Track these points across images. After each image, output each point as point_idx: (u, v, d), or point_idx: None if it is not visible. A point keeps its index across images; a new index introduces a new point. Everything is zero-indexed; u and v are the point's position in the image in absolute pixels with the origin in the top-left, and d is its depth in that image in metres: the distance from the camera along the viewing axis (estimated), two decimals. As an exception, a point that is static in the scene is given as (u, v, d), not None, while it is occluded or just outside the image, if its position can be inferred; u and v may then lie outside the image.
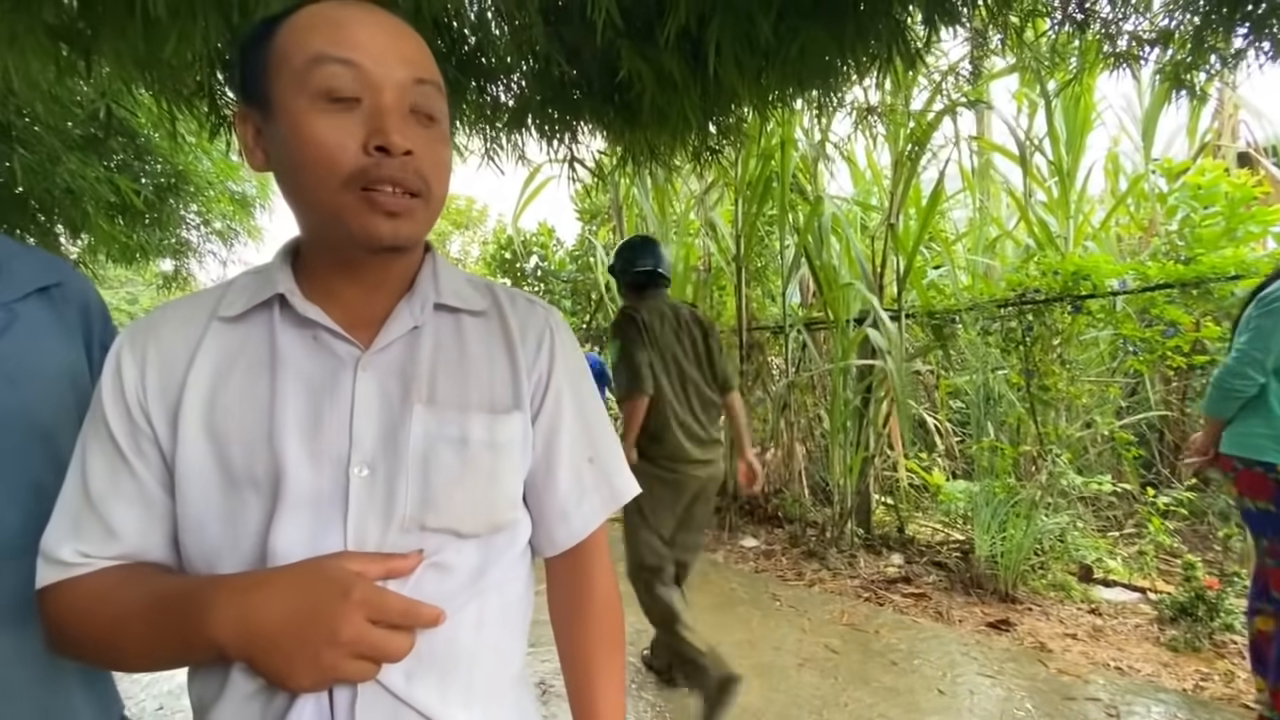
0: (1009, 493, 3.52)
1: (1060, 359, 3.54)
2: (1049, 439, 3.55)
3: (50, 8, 1.66)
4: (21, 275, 0.61)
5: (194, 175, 4.16)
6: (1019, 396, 3.87)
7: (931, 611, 3.10)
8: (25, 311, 0.60)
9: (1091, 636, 2.83)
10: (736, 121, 3.03)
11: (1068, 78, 3.11)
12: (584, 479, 0.67)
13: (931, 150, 3.67)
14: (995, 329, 3.76)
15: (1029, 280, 3.57)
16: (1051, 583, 3.36)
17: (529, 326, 0.67)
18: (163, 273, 5.63)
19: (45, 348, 0.61)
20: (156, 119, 3.32)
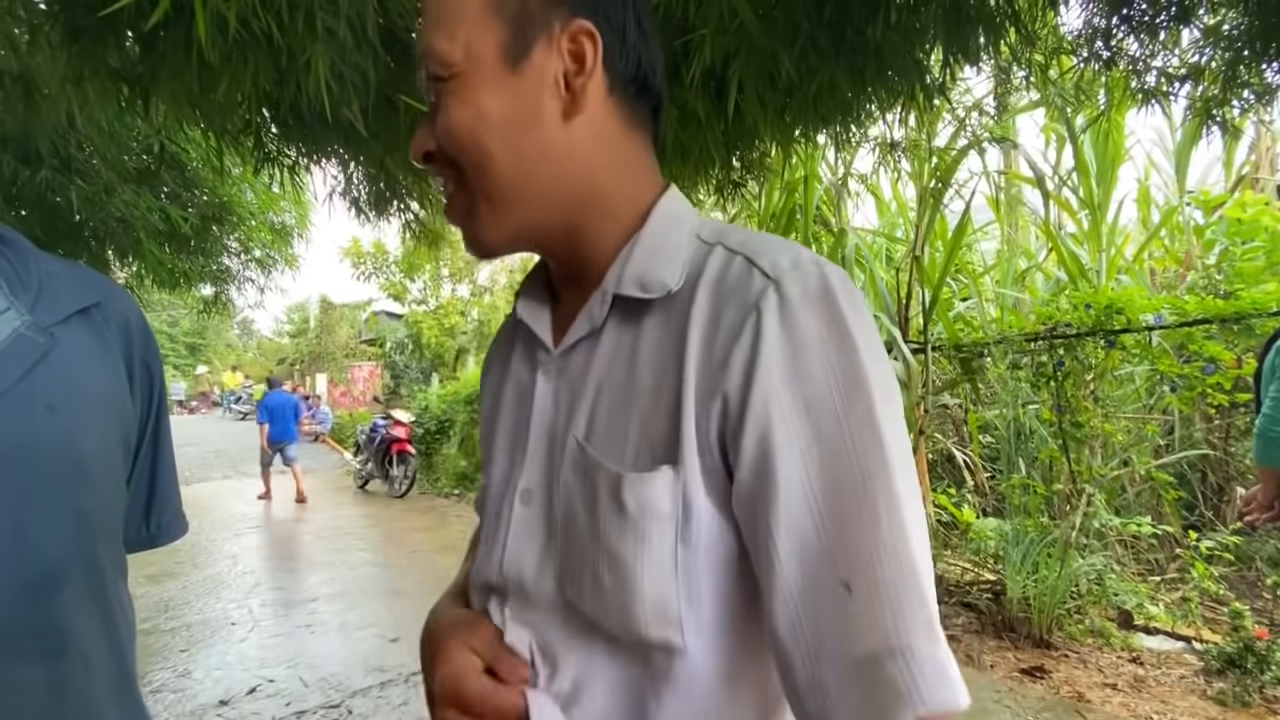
0: (1042, 532, 3.41)
1: (1093, 395, 3.45)
2: (1083, 477, 3.44)
3: (114, 52, 1.78)
4: (62, 296, 0.59)
5: (237, 206, 4.34)
6: (1051, 433, 3.77)
7: (961, 655, 2.99)
8: (65, 335, 0.57)
9: (1133, 687, 2.70)
10: (760, 156, 3.08)
11: (1095, 113, 3.10)
12: (820, 624, 0.36)
13: (956, 184, 3.67)
14: (1025, 363, 3.69)
15: (1060, 314, 3.51)
16: (1089, 628, 3.22)
17: (725, 308, 0.41)
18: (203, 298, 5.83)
19: (86, 372, 0.59)
20: (205, 153, 3.49)
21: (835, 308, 0.39)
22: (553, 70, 0.44)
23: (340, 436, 13.32)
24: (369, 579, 4.44)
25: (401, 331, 14.33)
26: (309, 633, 3.43)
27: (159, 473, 0.72)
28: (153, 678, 2.88)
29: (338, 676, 2.88)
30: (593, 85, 0.45)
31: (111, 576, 0.61)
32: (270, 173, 2.56)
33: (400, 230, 3.45)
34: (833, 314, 0.38)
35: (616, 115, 0.47)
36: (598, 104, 0.45)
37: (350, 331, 21.43)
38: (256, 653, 3.17)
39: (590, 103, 0.45)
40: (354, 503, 7.58)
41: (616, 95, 0.46)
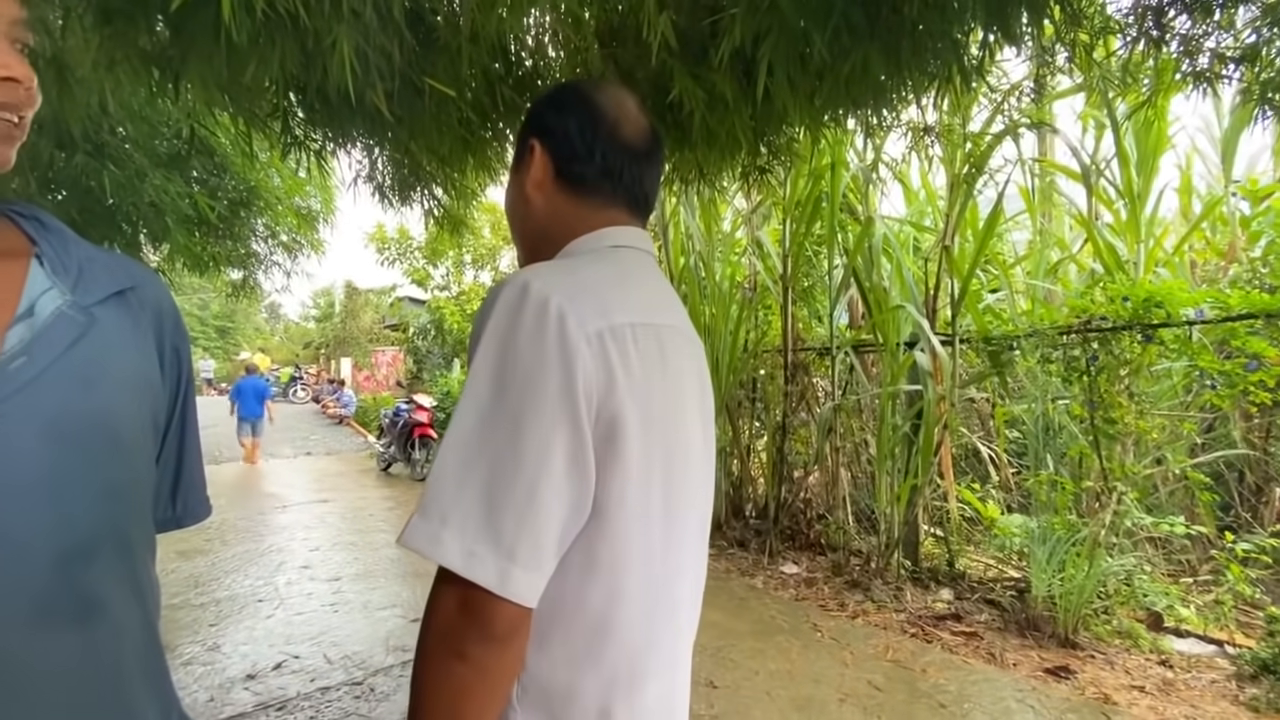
0: (1070, 530, 3.33)
1: (1128, 391, 3.35)
2: (1114, 475, 3.35)
3: (145, 35, 1.79)
4: (99, 279, 0.61)
5: (265, 191, 4.39)
6: (1082, 429, 3.67)
7: (983, 652, 2.95)
8: (103, 315, 0.60)
9: (1161, 690, 2.64)
10: (787, 141, 3.01)
11: (1140, 98, 2.97)
12: None
13: (989, 172, 3.56)
14: (1057, 357, 3.59)
15: (1095, 307, 3.40)
16: (1116, 629, 3.15)
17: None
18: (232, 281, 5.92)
19: (121, 351, 0.61)
20: (234, 138, 3.53)
21: (490, 311, 0.60)
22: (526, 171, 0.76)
23: (364, 420, 13.54)
24: (391, 560, 4.51)
25: (424, 317, 14.47)
26: (333, 611, 3.50)
27: (186, 455, 0.73)
28: (183, 650, 2.96)
29: (360, 655, 2.94)
30: (541, 175, 0.75)
31: (141, 552, 0.63)
32: (297, 157, 2.57)
33: (423, 216, 3.45)
34: (486, 315, 0.60)
35: (562, 190, 0.75)
36: (549, 185, 0.74)
37: (374, 317, 21.70)
38: (282, 629, 3.24)
39: (544, 186, 0.75)
40: (377, 485, 7.70)
41: (562, 177, 0.74)
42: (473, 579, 0.52)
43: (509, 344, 0.57)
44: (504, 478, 0.54)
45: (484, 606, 0.53)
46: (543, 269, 0.63)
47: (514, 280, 0.60)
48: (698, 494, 0.72)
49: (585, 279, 0.64)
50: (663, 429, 0.64)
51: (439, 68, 1.97)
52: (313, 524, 5.62)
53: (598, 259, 0.71)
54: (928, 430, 3.72)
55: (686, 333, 0.75)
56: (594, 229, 0.73)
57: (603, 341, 0.59)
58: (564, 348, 0.56)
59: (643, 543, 0.63)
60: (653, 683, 0.66)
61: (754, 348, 5.00)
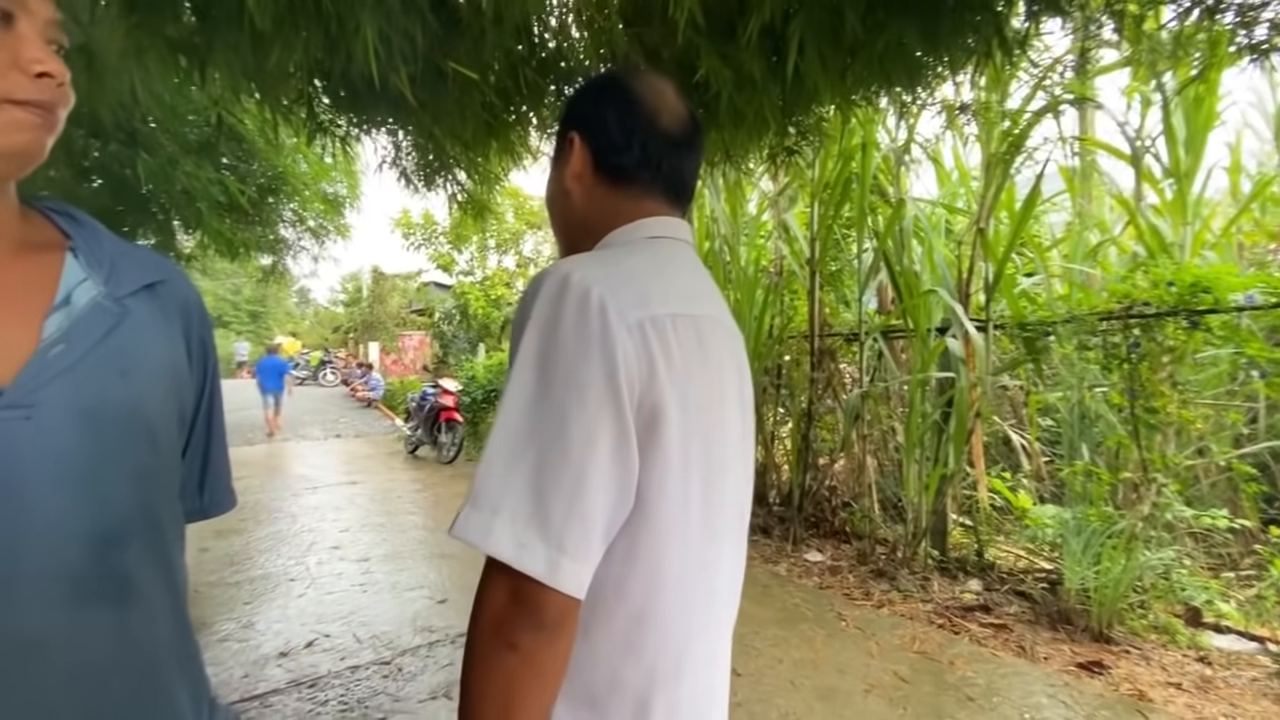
0: (1106, 522, 3.24)
1: (1171, 379, 3.22)
2: (1154, 466, 3.24)
3: (172, 23, 1.79)
4: (131, 273, 0.63)
5: (292, 176, 4.43)
6: (1120, 418, 3.55)
7: (1013, 645, 2.89)
8: (134, 307, 0.62)
9: (1199, 688, 2.56)
10: (816, 121, 2.93)
11: (1190, 72, 2.82)
12: None
13: (1028, 150, 3.42)
14: (1095, 344, 3.47)
15: (1137, 291, 3.27)
16: (1153, 624, 3.07)
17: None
18: (262, 266, 6.02)
19: (152, 342, 0.63)
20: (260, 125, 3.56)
21: (533, 302, 0.60)
22: (567, 164, 0.76)
23: (391, 403, 13.76)
24: (418, 541, 4.59)
25: (449, 302, 14.60)
26: (362, 592, 3.58)
27: (212, 447, 0.74)
28: (219, 627, 3.05)
29: (389, 635, 3.00)
30: (581, 167, 0.75)
31: (171, 538, 0.64)
32: (322, 143, 2.58)
33: (448, 201, 3.46)
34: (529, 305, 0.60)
35: (601, 182, 0.75)
36: (589, 177, 0.75)
37: (401, 301, 21.97)
38: (314, 608, 3.33)
39: (584, 178, 0.75)
40: (404, 467, 7.84)
41: (600, 169, 0.75)
42: (523, 570, 0.52)
43: (552, 335, 0.57)
44: (551, 468, 0.54)
45: (535, 596, 0.53)
46: (583, 260, 0.64)
47: (555, 272, 0.60)
48: (737, 486, 0.72)
49: (625, 270, 0.64)
50: (702, 419, 0.64)
51: (462, 51, 1.95)
52: (342, 505, 5.74)
53: (637, 250, 0.71)
54: (960, 418, 3.63)
55: (726, 324, 0.75)
56: (633, 220, 0.74)
57: (643, 331, 0.59)
58: (606, 338, 0.56)
59: (682, 533, 0.63)
60: (691, 675, 0.66)
61: (779, 333, 4.93)
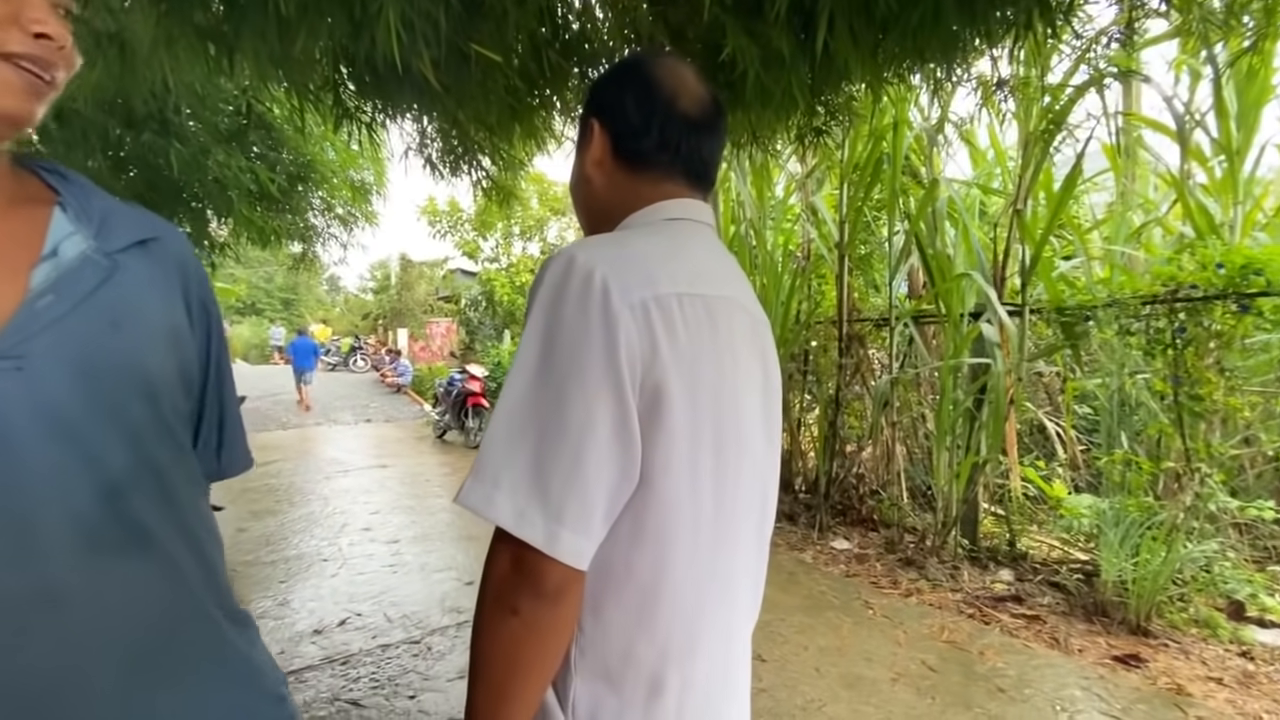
0: (1145, 512, 3.14)
1: (1219, 365, 3.09)
2: (1198, 455, 3.12)
3: (200, 12, 1.81)
4: (122, 228, 0.62)
5: (320, 164, 4.48)
6: (1163, 405, 3.43)
7: (1046, 636, 2.83)
8: (126, 263, 0.61)
9: (1241, 683, 2.48)
10: (846, 100, 2.85)
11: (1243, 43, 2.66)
12: None
13: (1069, 128, 3.28)
14: (1139, 328, 3.34)
15: (1184, 274, 3.13)
16: (1193, 617, 2.97)
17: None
18: (293, 254, 6.11)
19: (146, 297, 0.62)
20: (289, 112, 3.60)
21: (539, 284, 0.61)
22: (593, 148, 0.76)
23: (420, 389, 13.98)
24: (446, 524, 4.67)
25: (475, 289, 14.72)
26: (392, 572, 3.65)
27: (226, 411, 0.76)
28: (257, 605, 3.15)
29: (418, 614, 3.06)
30: (601, 154, 0.76)
31: (186, 492, 0.65)
32: (349, 129, 2.60)
33: (472, 187, 3.46)
34: (535, 288, 0.62)
35: (621, 167, 0.75)
36: (609, 163, 0.76)
37: (428, 288, 22.23)
38: (346, 588, 3.41)
39: (604, 164, 0.76)
40: (433, 451, 7.97)
41: (620, 155, 0.75)
42: (523, 538, 0.55)
43: (555, 315, 0.58)
44: (550, 443, 0.56)
45: (535, 565, 0.55)
46: (590, 242, 0.64)
47: (561, 254, 0.61)
48: (756, 469, 0.72)
49: (632, 251, 0.64)
50: (713, 400, 0.64)
51: (485, 33, 1.93)
52: (373, 488, 5.87)
53: (651, 232, 0.71)
54: (993, 405, 3.54)
55: (749, 307, 0.74)
56: (651, 203, 0.74)
57: (646, 311, 0.59)
58: (607, 317, 0.57)
59: (691, 512, 0.63)
60: (706, 653, 0.67)
61: (807, 319, 4.86)
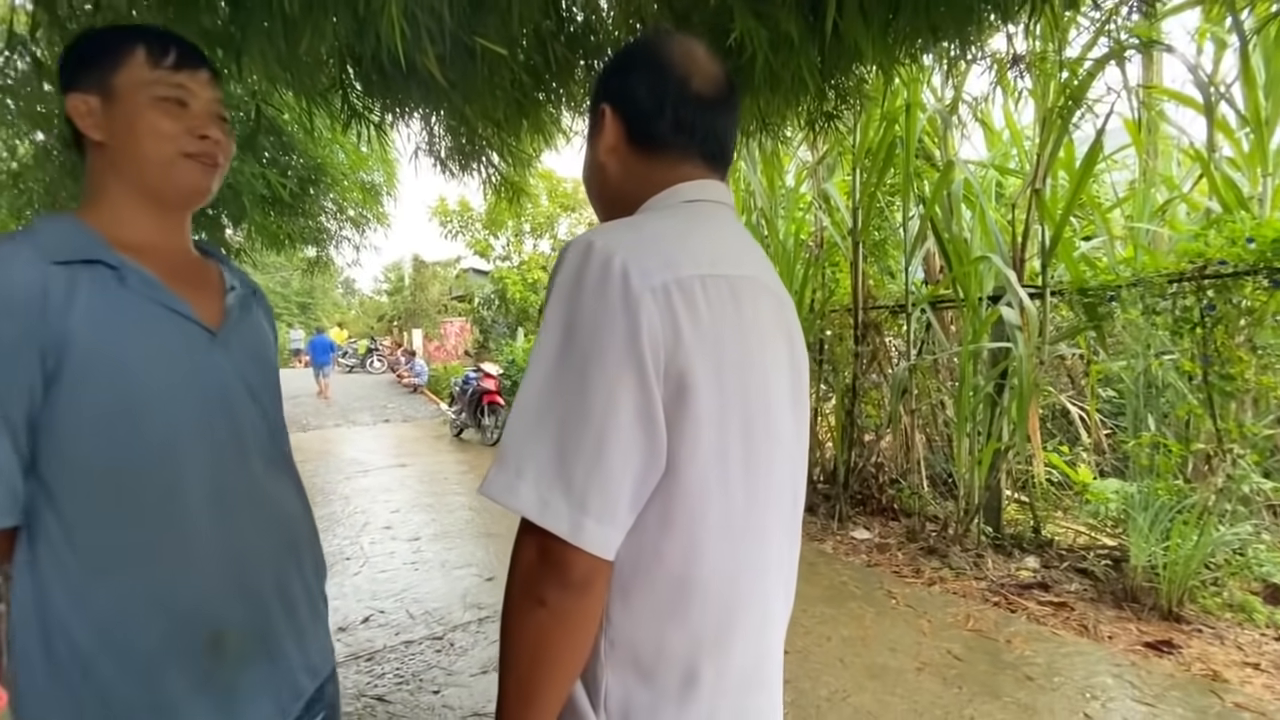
0: (1176, 496, 3.07)
1: (1251, 343, 3.00)
2: (1230, 436, 3.04)
3: (207, 14, 1.81)
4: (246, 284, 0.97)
5: (330, 167, 4.50)
6: (1191, 386, 3.34)
7: (1074, 624, 2.78)
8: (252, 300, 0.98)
9: (1279, 668, 2.42)
10: (857, 83, 2.80)
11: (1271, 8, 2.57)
12: None
13: (1088, 103, 3.19)
14: (1165, 308, 3.25)
15: (1211, 250, 3.04)
16: (1227, 602, 2.90)
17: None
18: (307, 258, 6.16)
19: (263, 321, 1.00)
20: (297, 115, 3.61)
21: (557, 271, 0.61)
22: (606, 135, 0.74)
23: (436, 388, 14.09)
24: (465, 521, 4.70)
25: (488, 288, 14.78)
26: (413, 570, 3.68)
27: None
28: (282, 604, 3.19)
29: (440, 611, 3.09)
30: (616, 139, 0.74)
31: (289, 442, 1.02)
32: (358, 130, 2.60)
33: (482, 184, 3.46)
34: (554, 274, 0.61)
35: (635, 152, 0.74)
36: (623, 149, 0.74)
37: (441, 289, 22.37)
38: (368, 585, 3.45)
39: (618, 150, 0.74)
40: (450, 450, 8.03)
41: (634, 140, 0.73)
42: (547, 527, 0.54)
43: (574, 301, 0.57)
44: (573, 430, 0.55)
45: (561, 555, 0.55)
46: (608, 228, 0.63)
47: (579, 240, 0.60)
48: (786, 454, 0.70)
49: (650, 234, 0.63)
50: (740, 384, 0.62)
51: (490, 27, 1.91)
52: (393, 487, 5.92)
53: (669, 214, 0.68)
54: (1019, 390, 3.47)
55: (772, 286, 0.72)
56: (668, 186, 0.72)
57: (668, 295, 0.58)
58: (628, 302, 0.56)
59: (721, 500, 0.62)
60: (741, 644, 0.65)
61: (821, 308, 4.81)
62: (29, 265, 0.72)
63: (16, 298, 0.70)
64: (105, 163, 0.82)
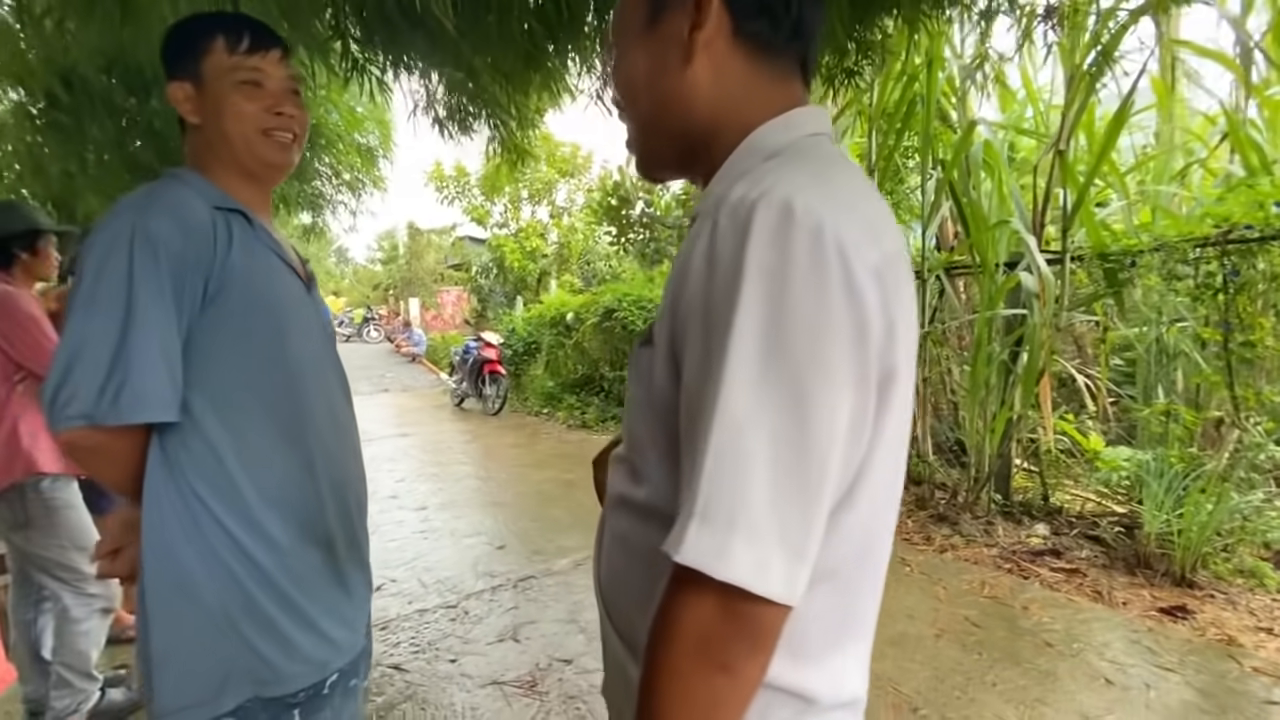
0: (1190, 463, 3.05)
1: (1275, 309, 2.95)
2: (1247, 404, 3.01)
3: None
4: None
5: (325, 128, 4.34)
6: (1209, 354, 3.30)
7: (1088, 590, 2.79)
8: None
9: (1293, 633, 2.43)
10: (881, 37, 2.69)
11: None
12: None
13: (1121, 54, 3.06)
14: (1186, 273, 3.19)
15: (1239, 214, 2.97)
16: (1237, 568, 2.91)
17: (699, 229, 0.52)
18: (303, 224, 6.02)
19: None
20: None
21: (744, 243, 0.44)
22: (681, 27, 0.54)
23: (434, 358, 14.01)
24: (472, 490, 4.68)
25: (485, 255, 14.59)
26: (423, 538, 3.67)
27: None
28: (292, 573, 3.17)
29: (452, 579, 3.07)
30: (713, 33, 0.54)
31: None
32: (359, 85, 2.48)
33: (486, 144, 3.34)
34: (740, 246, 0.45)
35: (741, 54, 0.55)
36: (722, 48, 0.54)
37: (437, 257, 22.10)
38: (379, 554, 3.42)
39: (713, 48, 0.54)
40: (452, 419, 8.00)
41: (742, 36, 0.54)
42: (766, 593, 0.42)
43: (781, 289, 0.43)
44: (791, 463, 0.43)
45: (756, 613, 0.43)
46: (795, 181, 0.47)
47: (768, 199, 0.45)
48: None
49: (842, 191, 0.49)
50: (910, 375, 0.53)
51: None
52: (396, 456, 5.90)
53: (818, 158, 0.52)
54: (1033, 358, 3.42)
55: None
56: (777, 111, 0.55)
57: (880, 278, 0.46)
58: (851, 290, 0.44)
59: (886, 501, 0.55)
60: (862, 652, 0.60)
61: (830, 274, 4.72)
62: (202, 206, 0.84)
63: (200, 229, 0.82)
64: (203, 143, 0.91)
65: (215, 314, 0.83)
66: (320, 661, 0.89)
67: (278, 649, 0.84)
